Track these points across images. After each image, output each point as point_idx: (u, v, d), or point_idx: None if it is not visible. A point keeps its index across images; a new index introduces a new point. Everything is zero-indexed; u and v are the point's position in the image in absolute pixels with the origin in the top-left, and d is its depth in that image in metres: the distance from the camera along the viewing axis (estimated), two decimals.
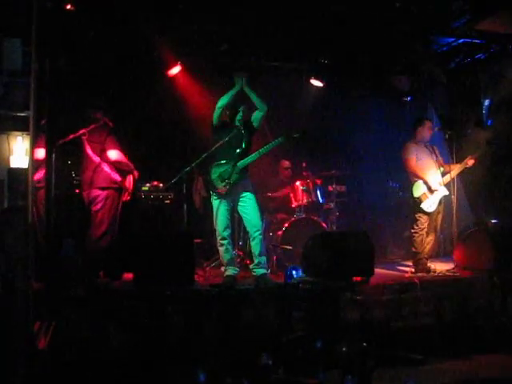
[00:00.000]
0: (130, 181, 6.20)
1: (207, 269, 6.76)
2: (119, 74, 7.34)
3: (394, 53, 8.06)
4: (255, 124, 6.24)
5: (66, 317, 4.65)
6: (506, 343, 5.67)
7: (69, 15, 6.19)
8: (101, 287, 5.65)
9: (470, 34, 7.56)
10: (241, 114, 6.13)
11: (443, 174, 6.96)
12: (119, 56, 7.16)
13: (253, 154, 6.15)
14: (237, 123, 6.09)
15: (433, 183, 6.83)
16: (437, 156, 7.07)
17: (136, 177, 6.25)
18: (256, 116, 6.22)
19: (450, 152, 7.26)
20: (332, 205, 8.05)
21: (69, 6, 6.14)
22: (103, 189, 5.97)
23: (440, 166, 7.01)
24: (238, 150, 6.08)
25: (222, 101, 6.14)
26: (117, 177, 6.06)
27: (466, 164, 7.01)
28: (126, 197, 6.18)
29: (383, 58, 8.13)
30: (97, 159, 5.98)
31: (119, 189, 6.10)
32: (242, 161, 6.07)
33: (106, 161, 6.01)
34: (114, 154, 5.98)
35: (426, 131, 7.08)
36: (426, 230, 6.95)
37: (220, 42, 7.45)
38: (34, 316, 4.00)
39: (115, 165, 6.04)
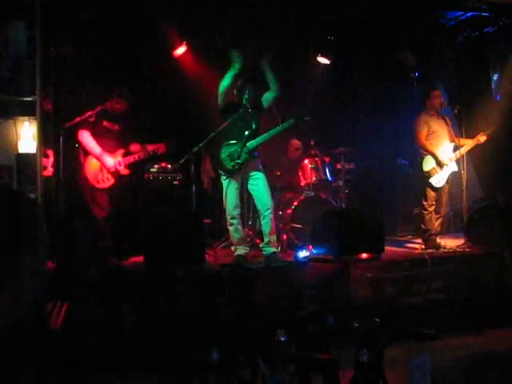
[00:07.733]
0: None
1: (217, 249, 6.76)
2: (124, 56, 7.30)
3: (401, 28, 7.96)
4: (265, 104, 6.18)
5: (78, 298, 4.68)
6: None
7: None
8: (112, 269, 5.68)
9: (478, 7, 7.46)
10: (248, 94, 6.06)
11: (454, 149, 6.90)
12: (124, 37, 7.10)
13: (263, 135, 6.12)
14: (244, 103, 6.03)
15: (443, 158, 6.78)
16: (450, 128, 7.00)
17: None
18: (267, 96, 6.17)
19: (459, 127, 7.20)
20: (341, 182, 7.96)
21: None
22: None
23: (452, 139, 6.95)
24: (247, 131, 6.04)
25: (225, 81, 6.05)
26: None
27: (478, 140, 6.95)
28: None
29: (390, 34, 8.03)
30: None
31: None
32: (251, 141, 6.05)
33: None
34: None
35: (434, 100, 7.00)
36: (434, 206, 6.92)
37: (225, 21, 7.38)
38: (46, 297, 4.03)
39: None
